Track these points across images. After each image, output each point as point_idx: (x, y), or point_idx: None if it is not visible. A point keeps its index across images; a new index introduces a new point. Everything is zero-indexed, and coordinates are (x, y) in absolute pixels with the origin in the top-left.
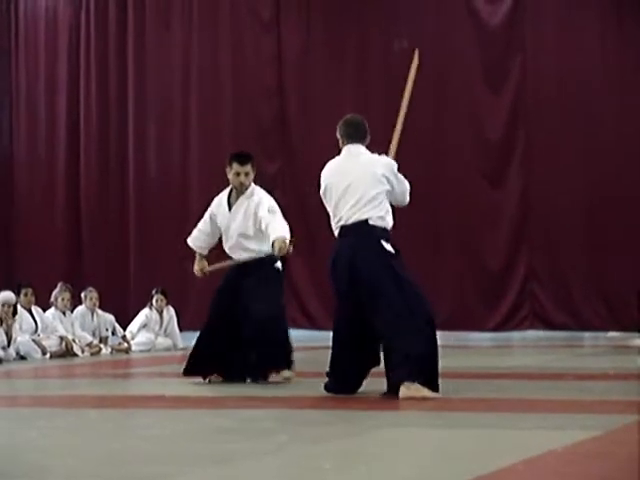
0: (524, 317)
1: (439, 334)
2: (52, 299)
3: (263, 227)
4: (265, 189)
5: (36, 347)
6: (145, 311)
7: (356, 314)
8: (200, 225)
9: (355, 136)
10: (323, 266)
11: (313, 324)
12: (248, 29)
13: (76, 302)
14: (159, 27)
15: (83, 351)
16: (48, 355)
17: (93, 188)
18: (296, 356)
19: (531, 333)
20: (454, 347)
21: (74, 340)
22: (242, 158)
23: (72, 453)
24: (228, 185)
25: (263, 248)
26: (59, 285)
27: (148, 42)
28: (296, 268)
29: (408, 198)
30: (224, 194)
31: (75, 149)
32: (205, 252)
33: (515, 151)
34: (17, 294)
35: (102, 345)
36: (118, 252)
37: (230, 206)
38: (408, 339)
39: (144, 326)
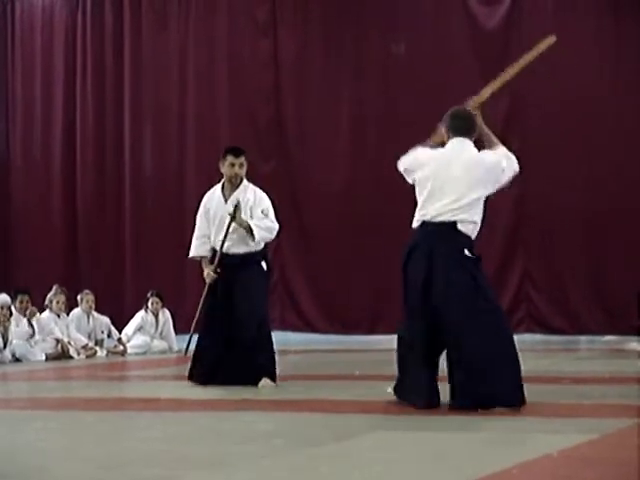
0: (520, 321)
1: None
2: (47, 302)
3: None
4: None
5: (32, 349)
6: (141, 314)
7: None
8: (198, 231)
9: (461, 130)
10: (318, 267)
11: (308, 326)
12: (244, 31)
13: (72, 304)
14: (155, 29)
15: (79, 354)
16: (44, 357)
17: (89, 191)
18: (294, 359)
19: (527, 337)
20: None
21: (69, 343)
22: (236, 150)
23: (69, 455)
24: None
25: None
26: (54, 288)
27: (144, 44)
28: (292, 270)
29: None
30: (216, 188)
31: (71, 151)
32: (210, 254)
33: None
34: (13, 299)
35: (98, 348)
36: (114, 255)
37: (225, 199)
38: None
39: (140, 329)
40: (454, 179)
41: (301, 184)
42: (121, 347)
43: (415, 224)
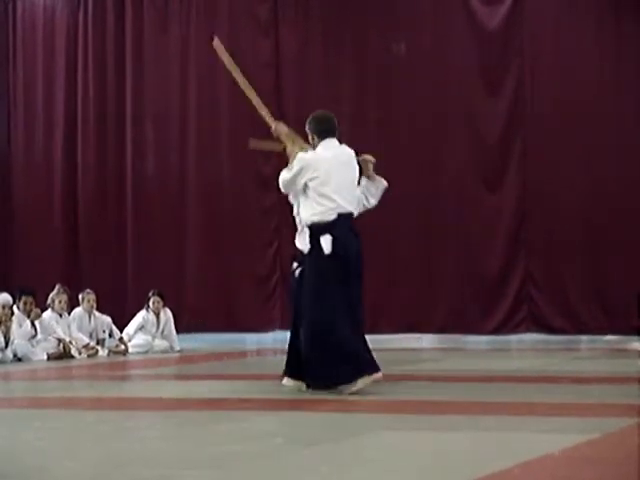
0: (521, 320)
1: (436, 337)
2: (49, 301)
3: None
4: (261, 190)
5: (33, 349)
6: (142, 313)
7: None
8: None
9: (332, 131)
10: None
11: None
12: (245, 30)
13: (73, 304)
14: (157, 29)
15: (80, 353)
16: (46, 357)
17: (91, 190)
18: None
19: (528, 336)
20: (451, 350)
21: (71, 342)
22: None
23: (70, 455)
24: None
25: None
26: (56, 287)
27: (146, 43)
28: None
29: None
30: None
31: (72, 151)
32: None
33: (513, 154)
34: (18, 299)
35: (99, 347)
36: (115, 254)
37: None
38: None
39: (141, 328)
40: (347, 175)
41: None
42: (122, 346)
43: (325, 216)
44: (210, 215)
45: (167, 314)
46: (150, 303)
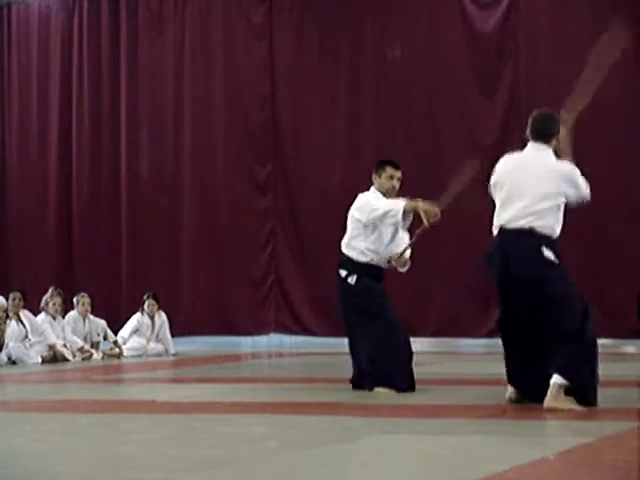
0: None
1: (431, 341)
2: (43, 304)
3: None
4: (257, 193)
5: (27, 351)
6: (137, 316)
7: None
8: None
9: (541, 134)
10: (314, 269)
11: (304, 329)
12: (240, 35)
13: (68, 307)
14: (152, 33)
15: (74, 356)
16: (40, 360)
17: (85, 194)
18: (289, 362)
19: None
20: (447, 354)
21: (65, 345)
22: (395, 163)
23: (63, 458)
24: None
25: None
26: (50, 290)
27: (141, 48)
28: (287, 273)
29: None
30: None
31: (67, 154)
32: None
33: None
34: (7, 298)
35: (94, 350)
36: (110, 257)
37: None
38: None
39: (136, 331)
40: (529, 184)
41: (297, 187)
42: (117, 350)
43: (495, 230)
44: (205, 218)
45: (162, 317)
46: (145, 306)
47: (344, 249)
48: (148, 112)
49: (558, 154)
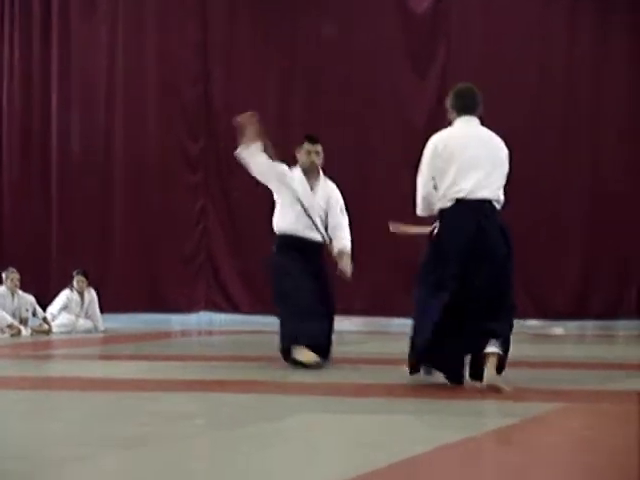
0: None
1: (361, 320)
2: None
3: (331, 222)
4: (189, 169)
5: None
6: (66, 292)
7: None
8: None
9: (471, 107)
10: (245, 249)
11: (235, 308)
12: (174, 12)
13: None
14: (84, 9)
15: (3, 332)
16: None
17: (15, 169)
18: (219, 340)
19: None
20: (376, 333)
21: None
22: (312, 137)
23: None
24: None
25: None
26: None
27: (73, 24)
28: (218, 251)
29: None
30: (296, 170)
31: None
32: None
33: None
34: None
35: (22, 327)
36: (39, 233)
37: (311, 188)
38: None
39: (65, 308)
40: (481, 154)
41: (229, 164)
42: (46, 326)
43: (445, 203)
44: (136, 194)
45: (91, 294)
46: (74, 282)
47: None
48: (80, 88)
49: None
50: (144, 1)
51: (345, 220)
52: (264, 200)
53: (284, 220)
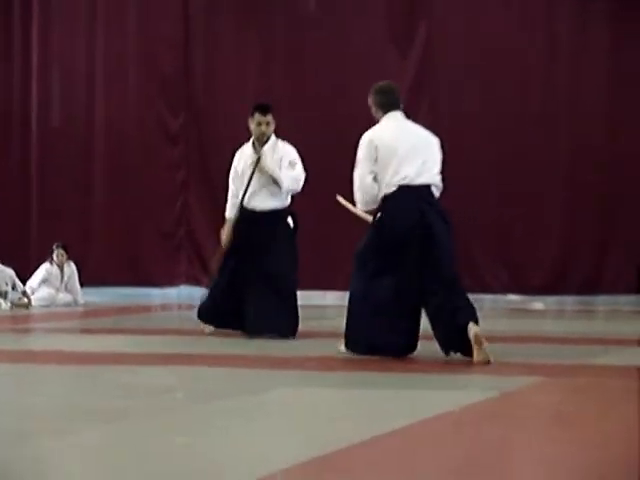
0: None
1: (342, 294)
2: None
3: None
4: (169, 143)
5: None
6: (45, 266)
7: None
8: (230, 193)
9: (397, 104)
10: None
11: None
12: None
13: None
14: None
15: None
16: None
17: None
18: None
19: None
20: None
21: None
22: (263, 108)
23: None
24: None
25: (284, 198)
26: None
27: None
28: (199, 225)
29: None
30: (246, 146)
31: None
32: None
33: (419, 116)
34: None
35: (1, 300)
36: (19, 206)
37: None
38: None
39: (44, 281)
40: (418, 144)
41: (210, 137)
42: (25, 299)
43: (390, 190)
44: (116, 168)
45: (71, 267)
46: (54, 256)
47: None
48: (59, 61)
49: None
50: None
51: (294, 171)
52: None
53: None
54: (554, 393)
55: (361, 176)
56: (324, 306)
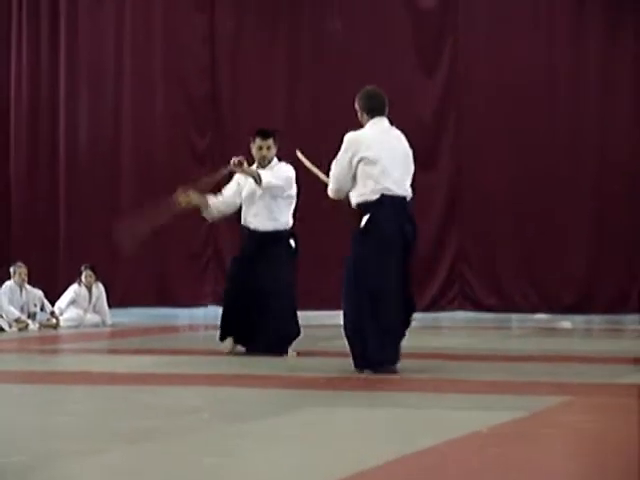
0: (453, 298)
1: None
2: None
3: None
4: (196, 164)
5: None
6: (74, 287)
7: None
8: (224, 190)
9: (382, 109)
10: None
11: None
12: (182, 6)
13: (4, 277)
14: (92, 2)
15: (11, 326)
16: None
17: (23, 163)
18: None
19: (459, 314)
20: None
21: (1, 315)
22: (264, 132)
23: None
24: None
25: (285, 220)
26: None
27: (80, 16)
28: (225, 245)
29: None
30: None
31: (4, 124)
32: (210, 215)
33: (447, 134)
34: None
35: (30, 321)
36: (47, 227)
37: None
38: None
39: (73, 302)
40: (399, 155)
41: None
42: (54, 320)
43: (369, 197)
44: (143, 189)
45: (99, 288)
46: (82, 277)
47: None
48: (87, 81)
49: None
50: None
51: (277, 174)
52: None
53: None
54: (583, 413)
55: (340, 169)
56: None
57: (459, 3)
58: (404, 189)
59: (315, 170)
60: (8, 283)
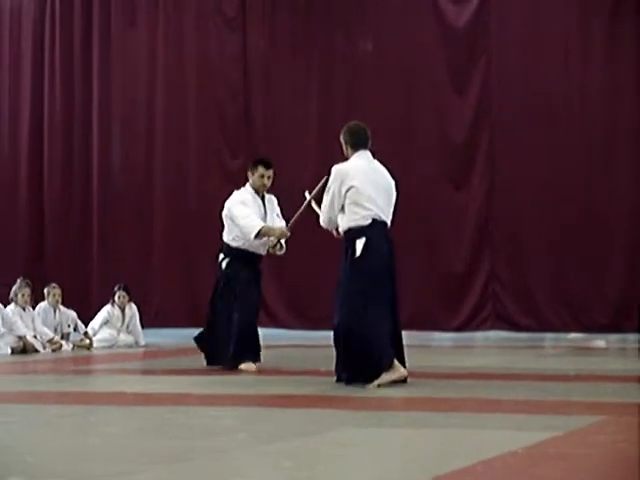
0: (486, 318)
1: (403, 334)
2: (12, 295)
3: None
4: (230, 185)
5: None
6: (107, 307)
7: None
8: (247, 209)
9: (366, 143)
10: (284, 262)
11: (274, 321)
12: (213, 27)
13: (38, 298)
14: (124, 24)
15: (44, 347)
16: (9, 351)
17: (56, 184)
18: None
19: (493, 334)
20: (417, 347)
21: (35, 336)
22: (267, 162)
23: (31, 450)
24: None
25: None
26: (18, 281)
27: (113, 39)
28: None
29: None
30: (247, 191)
31: (38, 145)
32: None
33: (479, 153)
34: None
35: (64, 341)
36: (81, 248)
37: (263, 204)
38: None
39: (106, 322)
40: (386, 186)
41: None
42: (87, 341)
43: (362, 222)
44: (176, 210)
45: (132, 309)
46: (115, 298)
47: (224, 236)
48: (120, 104)
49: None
50: (184, 16)
51: (281, 222)
52: (305, 217)
53: None
54: (617, 433)
55: (331, 198)
56: None
57: (491, 22)
58: (386, 216)
59: (317, 210)
60: (42, 304)
